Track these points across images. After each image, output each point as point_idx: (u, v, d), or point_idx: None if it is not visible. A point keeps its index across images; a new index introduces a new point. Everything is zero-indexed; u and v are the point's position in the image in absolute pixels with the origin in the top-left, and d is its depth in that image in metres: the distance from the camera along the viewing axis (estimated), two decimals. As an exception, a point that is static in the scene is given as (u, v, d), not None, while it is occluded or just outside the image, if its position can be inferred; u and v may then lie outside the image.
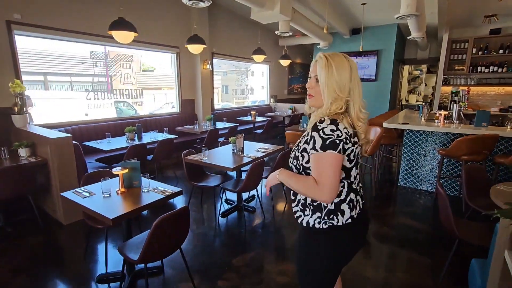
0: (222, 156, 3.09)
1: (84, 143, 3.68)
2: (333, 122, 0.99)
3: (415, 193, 3.74)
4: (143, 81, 12.80)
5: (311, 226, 1.08)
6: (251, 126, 6.69)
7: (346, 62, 1.02)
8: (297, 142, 1.12)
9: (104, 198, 1.87)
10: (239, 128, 6.32)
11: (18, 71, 3.56)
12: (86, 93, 4.54)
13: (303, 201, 1.10)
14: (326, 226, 1.06)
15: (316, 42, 7.75)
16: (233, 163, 2.82)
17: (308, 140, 1.02)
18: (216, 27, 6.29)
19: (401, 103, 9.23)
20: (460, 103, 3.96)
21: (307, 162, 1.04)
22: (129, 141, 3.82)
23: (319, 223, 1.07)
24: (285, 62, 7.19)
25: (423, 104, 4.74)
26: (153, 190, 1.99)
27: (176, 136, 4.23)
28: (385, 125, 3.74)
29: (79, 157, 2.95)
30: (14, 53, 3.51)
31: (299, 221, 1.12)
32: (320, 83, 1.01)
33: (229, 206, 3.31)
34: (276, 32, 5.57)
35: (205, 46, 4.57)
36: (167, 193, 1.93)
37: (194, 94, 6.04)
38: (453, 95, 7.17)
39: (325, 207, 1.06)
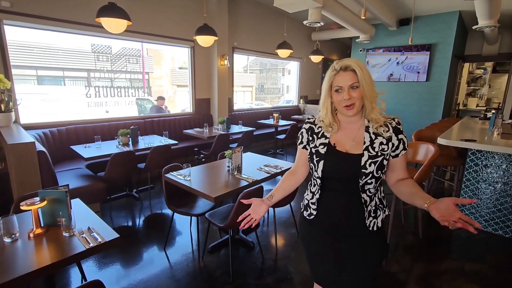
0: (212, 176, 2.40)
1: (71, 146, 3.26)
2: None
3: (481, 239, 2.69)
4: (178, 79, 12.81)
5: (383, 219, 1.16)
6: (273, 130, 5.94)
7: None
8: (370, 153, 1.06)
9: (4, 244, 1.29)
10: (257, 133, 5.61)
11: (7, 65, 3.24)
12: (86, 89, 4.17)
13: (373, 208, 1.12)
14: (388, 210, 1.18)
15: (354, 36, 6.71)
16: (222, 187, 2.12)
17: (397, 145, 1.07)
18: (237, 18, 5.62)
19: (458, 108, 7.73)
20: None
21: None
22: (120, 146, 3.32)
23: (384, 212, 1.16)
24: (316, 58, 6.29)
25: (495, 112, 3.58)
26: (79, 234, 1.37)
27: (176, 142, 3.65)
28: (440, 141, 2.74)
29: (45, 167, 2.48)
30: (3, 46, 3.19)
31: (374, 228, 1.13)
32: (362, 88, 1.03)
33: (225, 236, 2.63)
34: (305, 22, 4.73)
35: (216, 38, 3.92)
36: (93, 244, 1.29)
37: (209, 93, 5.45)
38: (532, 100, 5.67)
39: (383, 197, 1.17)
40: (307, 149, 1.19)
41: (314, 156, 1.13)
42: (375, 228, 1.12)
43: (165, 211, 3.23)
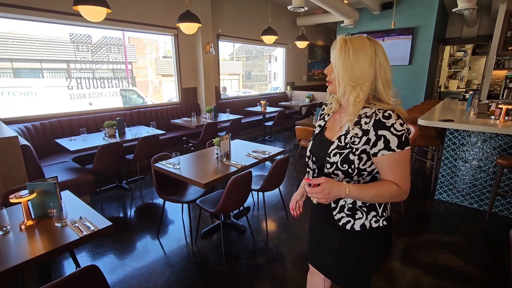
0: (201, 163, 2.44)
1: (56, 140, 3.21)
2: (398, 116, 0.92)
3: (458, 213, 2.87)
4: (163, 68, 12.44)
5: (367, 227, 1.03)
6: (261, 117, 5.97)
7: (368, 45, 0.91)
8: (340, 143, 0.98)
9: (-4, 237, 1.31)
10: (245, 120, 5.64)
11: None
12: (67, 81, 4.05)
13: (350, 205, 1.03)
14: (386, 223, 1.04)
15: (339, 20, 6.72)
16: (212, 174, 2.16)
17: (374, 141, 0.91)
18: (221, 4, 5.52)
19: (440, 90, 7.96)
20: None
21: (365, 163, 0.95)
22: (107, 138, 3.29)
23: (376, 221, 1.03)
24: (302, 44, 6.28)
25: (472, 93, 3.74)
26: (71, 224, 1.40)
27: (164, 132, 3.64)
28: (421, 122, 2.86)
29: (30, 161, 2.45)
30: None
31: (347, 227, 1.04)
32: (334, 68, 0.94)
33: (217, 222, 2.69)
34: (289, 7, 4.71)
35: (200, 25, 3.86)
36: (86, 232, 1.32)
37: (196, 82, 5.40)
38: (508, 80, 5.92)
39: (379, 205, 1.03)
40: None
41: (312, 135, 1.17)
42: (348, 227, 1.03)
43: (156, 200, 3.26)
